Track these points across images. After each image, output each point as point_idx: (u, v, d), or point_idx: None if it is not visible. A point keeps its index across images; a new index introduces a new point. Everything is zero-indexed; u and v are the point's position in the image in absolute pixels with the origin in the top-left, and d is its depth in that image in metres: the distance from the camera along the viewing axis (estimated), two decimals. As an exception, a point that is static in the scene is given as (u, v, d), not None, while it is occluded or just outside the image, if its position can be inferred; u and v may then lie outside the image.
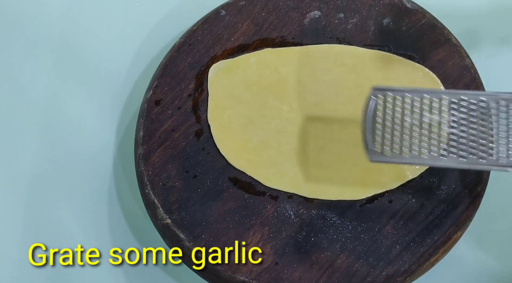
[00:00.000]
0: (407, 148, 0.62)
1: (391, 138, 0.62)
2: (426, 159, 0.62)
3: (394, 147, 0.62)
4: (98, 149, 0.81)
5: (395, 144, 0.62)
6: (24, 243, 0.76)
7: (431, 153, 0.62)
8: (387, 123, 0.62)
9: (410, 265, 0.69)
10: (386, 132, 0.62)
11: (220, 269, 0.70)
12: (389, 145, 0.62)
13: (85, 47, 0.87)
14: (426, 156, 0.62)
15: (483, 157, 0.61)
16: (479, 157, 0.61)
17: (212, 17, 0.82)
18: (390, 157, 0.62)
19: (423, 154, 0.62)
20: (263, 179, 0.73)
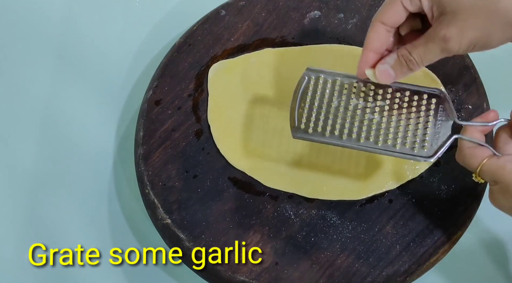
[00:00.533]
0: (329, 128, 0.64)
1: (316, 118, 0.64)
2: (344, 141, 0.64)
3: (317, 126, 0.64)
4: (98, 149, 0.82)
5: (319, 124, 0.64)
6: (24, 243, 0.76)
7: (351, 136, 0.64)
8: (315, 103, 0.65)
9: (410, 265, 0.69)
10: (313, 112, 0.65)
11: (220, 269, 0.70)
12: (313, 124, 0.65)
13: (85, 47, 0.87)
14: (345, 138, 0.64)
15: (397, 145, 0.63)
16: (393, 145, 0.64)
17: (212, 17, 0.82)
18: (312, 135, 0.64)
19: (343, 136, 0.64)
20: (263, 179, 0.73)
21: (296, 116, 0.65)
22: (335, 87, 0.66)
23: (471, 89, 0.76)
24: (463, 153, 0.61)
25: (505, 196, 0.59)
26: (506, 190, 0.58)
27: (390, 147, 0.64)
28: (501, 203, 0.60)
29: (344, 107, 0.65)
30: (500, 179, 0.59)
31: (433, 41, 0.56)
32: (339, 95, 0.65)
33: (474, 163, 0.60)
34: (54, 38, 0.87)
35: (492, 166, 0.59)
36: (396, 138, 0.64)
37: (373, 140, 0.64)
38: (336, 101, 0.65)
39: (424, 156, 0.63)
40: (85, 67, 0.86)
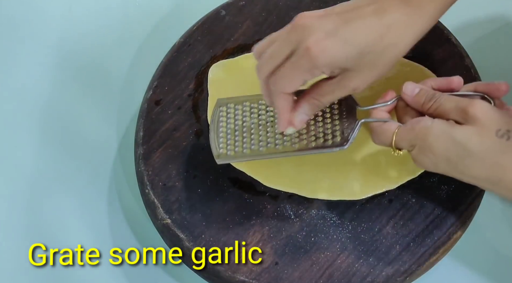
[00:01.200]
0: (247, 146, 0.69)
1: (233, 142, 0.69)
2: (265, 154, 0.69)
3: (236, 147, 0.69)
4: (98, 149, 0.82)
5: (238, 145, 0.69)
6: (24, 243, 0.76)
7: (269, 147, 0.69)
8: (229, 128, 0.70)
9: (410, 265, 0.69)
10: (229, 136, 0.70)
11: (220, 269, 0.70)
12: (233, 147, 0.69)
13: (85, 47, 0.87)
14: (265, 151, 0.69)
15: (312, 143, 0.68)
16: (309, 143, 0.68)
17: (212, 17, 0.82)
18: (234, 157, 0.69)
19: (262, 149, 0.69)
20: (263, 179, 0.73)
21: (215, 145, 0.69)
22: (246, 110, 0.71)
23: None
24: (375, 132, 0.67)
25: (424, 153, 0.63)
26: (423, 148, 0.63)
27: (306, 146, 0.68)
28: (425, 164, 0.65)
29: (257, 124, 0.70)
30: (413, 140, 0.64)
31: (341, 91, 0.64)
32: (250, 115, 0.71)
33: (387, 137, 0.65)
34: (54, 38, 0.87)
35: (403, 132, 0.65)
36: (309, 137, 0.68)
37: (290, 145, 0.68)
38: (249, 122, 0.70)
39: (338, 145, 0.67)
40: (85, 67, 0.86)
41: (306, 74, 0.61)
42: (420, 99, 0.66)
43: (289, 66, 0.61)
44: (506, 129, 0.60)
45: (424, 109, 0.65)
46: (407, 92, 0.67)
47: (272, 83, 0.63)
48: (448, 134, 0.61)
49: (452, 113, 0.63)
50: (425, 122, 0.63)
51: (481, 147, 0.60)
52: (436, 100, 0.65)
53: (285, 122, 0.65)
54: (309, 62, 0.60)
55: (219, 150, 0.69)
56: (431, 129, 0.62)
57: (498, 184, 0.61)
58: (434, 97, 0.65)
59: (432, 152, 0.62)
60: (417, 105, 0.66)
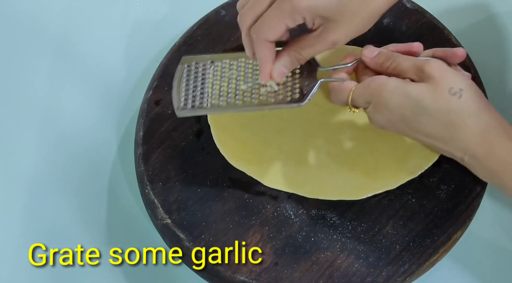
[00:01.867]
0: (208, 100, 0.70)
1: (194, 96, 0.70)
2: (225, 108, 0.69)
3: (196, 101, 0.70)
4: (98, 149, 0.82)
5: (197, 100, 0.70)
6: (24, 243, 0.76)
7: (229, 102, 0.69)
8: (191, 84, 0.71)
9: (410, 265, 0.69)
10: (191, 91, 0.70)
11: (220, 269, 0.70)
12: (192, 101, 0.70)
13: (85, 47, 0.87)
14: (224, 105, 0.69)
15: (271, 98, 0.69)
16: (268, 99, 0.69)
17: (212, 17, 0.82)
18: (194, 110, 0.69)
19: (222, 103, 0.69)
20: (263, 179, 0.73)
21: (177, 98, 0.70)
22: (208, 68, 0.72)
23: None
24: (333, 91, 0.68)
25: (379, 110, 0.65)
26: (378, 104, 0.64)
27: (266, 101, 0.69)
28: (380, 122, 0.66)
29: (219, 80, 0.71)
30: (368, 96, 0.65)
31: (321, 44, 0.64)
32: (214, 72, 0.71)
33: (344, 95, 0.67)
34: (54, 38, 0.87)
35: (359, 89, 0.66)
36: (269, 93, 0.69)
37: (249, 100, 0.69)
38: (212, 77, 0.71)
39: (296, 101, 0.68)
40: (85, 67, 0.86)
41: (287, 19, 0.62)
42: (379, 59, 0.67)
43: (271, 11, 0.62)
44: (459, 88, 0.62)
45: (383, 68, 0.67)
46: (367, 54, 0.68)
47: (254, 31, 0.63)
48: (402, 90, 0.63)
49: (409, 72, 0.64)
50: (381, 79, 0.65)
51: (434, 104, 0.62)
52: (394, 60, 0.66)
53: (267, 72, 0.66)
54: (290, 5, 0.61)
55: (180, 103, 0.69)
56: (386, 85, 0.64)
57: (450, 142, 0.63)
58: (392, 57, 0.66)
59: (387, 108, 0.64)
60: (376, 66, 0.67)
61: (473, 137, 0.62)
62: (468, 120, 0.62)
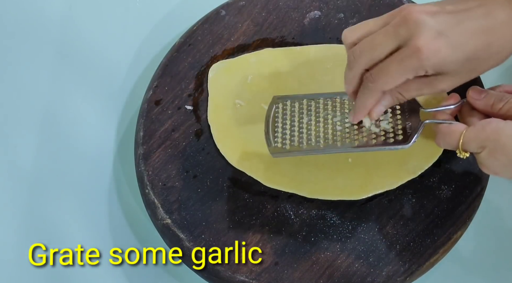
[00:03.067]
0: (305, 141, 0.68)
1: (291, 135, 0.68)
2: (323, 149, 0.67)
3: (293, 141, 0.68)
4: (98, 149, 0.81)
5: (295, 139, 0.68)
6: (24, 243, 0.76)
7: (327, 143, 0.68)
8: (286, 123, 0.69)
9: (410, 265, 0.69)
10: (286, 130, 0.69)
11: (220, 269, 0.70)
12: (289, 141, 0.68)
13: (85, 47, 0.87)
14: (323, 146, 0.67)
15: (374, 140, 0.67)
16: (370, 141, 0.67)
17: (212, 17, 0.82)
18: (290, 151, 0.68)
19: (320, 145, 0.68)
20: (263, 179, 0.73)
21: (270, 138, 0.68)
22: (302, 108, 0.70)
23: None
24: (441, 133, 0.65)
25: (495, 155, 0.61)
26: (494, 149, 0.61)
27: (368, 143, 0.67)
28: (494, 166, 0.62)
29: (314, 120, 0.69)
30: (483, 141, 0.61)
31: (428, 90, 0.62)
32: (307, 112, 0.70)
33: (455, 138, 0.63)
34: (54, 38, 0.87)
35: (472, 133, 0.62)
36: (371, 134, 0.67)
37: (350, 142, 0.67)
38: (306, 117, 0.69)
39: (400, 143, 0.66)
40: (85, 67, 0.86)
41: (410, 73, 0.59)
42: (489, 100, 0.64)
43: (394, 64, 0.59)
44: None
45: (494, 110, 0.63)
46: (474, 95, 0.65)
47: (371, 79, 0.61)
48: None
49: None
50: (497, 123, 0.60)
51: None
52: (508, 101, 0.63)
53: (363, 115, 0.64)
54: (417, 62, 0.58)
55: (274, 143, 0.68)
56: (504, 129, 0.60)
57: None
58: (505, 98, 0.63)
59: (504, 154, 0.60)
60: (485, 107, 0.64)
61: None
62: None
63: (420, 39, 0.57)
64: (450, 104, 0.66)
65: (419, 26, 0.57)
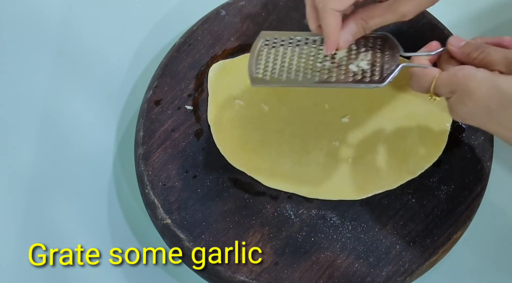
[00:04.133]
0: (285, 73, 0.68)
1: (272, 68, 0.69)
2: (301, 82, 0.68)
3: (273, 73, 0.68)
4: (98, 149, 0.81)
5: (275, 71, 0.68)
6: (24, 243, 0.76)
7: (306, 77, 0.67)
8: (270, 57, 0.69)
9: (410, 265, 0.69)
10: (269, 63, 0.69)
11: (220, 269, 0.70)
12: (270, 72, 0.68)
13: (85, 47, 0.87)
14: (301, 79, 0.68)
15: (350, 77, 0.67)
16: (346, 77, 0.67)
17: (212, 17, 0.82)
18: (269, 81, 0.68)
19: (298, 77, 0.68)
20: (263, 179, 0.73)
21: (253, 68, 0.69)
22: (287, 43, 0.70)
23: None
24: (415, 76, 0.65)
25: (463, 101, 0.61)
26: (463, 95, 0.61)
27: (343, 79, 0.67)
28: (462, 113, 0.62)
29: (297, 56, 0.69)
30: (454, 85, 0.62)
31: (390, 14, 0.64)
32: (292, 48, 0.70)
33: (427, 81, 0.64)
34: (54, 38, 0.87)
35: (444, 77, 0.63)
36: (348, 72, 0.67)
37: (327, 77, 0.67)
38: (290, 53, 0.69)
39: (375, 82, 0.66)
40: (85, 67, 0.86)
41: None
42: (467, 49, 0.64)
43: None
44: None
45: (470, 59, 0.64)
46: (454, 43, 0.65)
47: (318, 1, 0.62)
48: (492, 82, 0.60)
49: (499, 64, 0.62)
50: (469, 69, 0.61)
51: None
52: (483, 51, 0.63)
53: (333, 42, 0.65)
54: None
55: (255, 73, 0.68)
56: (474, 76, 0.60)
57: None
58: (481, 47, 0.63)
59: (471, 100, 0.60)
60: (462, 56, 0.64)
61: None
62: None
63: None
64: (430, 50, 0.66)
65: None
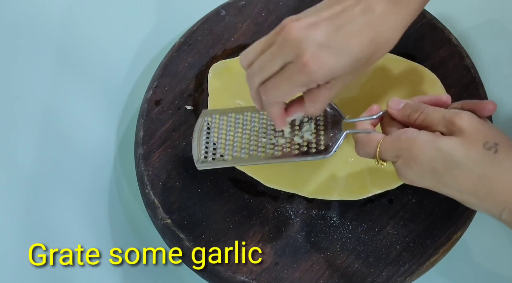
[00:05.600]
0: (230, 153, 0.69)
1: (215, 148, 0.70)
2: (246, 161, 0.69)
3: (217, 154, 0.70)
4: (98, 149, 0.81)
5: (218, 152, 0.70)
6: (24, 243, 0.76)
7: (251, 155, 0.69)
8: (213, 136, 0.71)
9: (410, 265, 0.69)
10: (212, 143, 0.70)
11: (220, 269, 0.70)
12: (213, 154, 0.70)
13: (86, 47, 0.87)
14: (247, 158, 0.69)
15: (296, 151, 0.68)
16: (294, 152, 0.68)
17: (212, 17, 0.82)
18: (215, 163, 0.69)
19: (244, 156, 0.69)
20: (263, 179, 0.73)
21: (197, 151, 0.70)
22: (230, 121, 0.71)
23: (470, 89, 0.76)
24: (360, 143, 0.65)
25: (409, 165, 0.61)
26: (408, 158, 0.61)
27: (291, 154, 0.68)
28: (409, 176, 0.62)
29: (241, 133, 0.70)
30: (398, 150, 0.62)
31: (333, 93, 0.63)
32: (235, 125, 0.71)
33: (372, 147, 0.64)
34: (54, 38, 0.87)
35: (388, 142, 0.63)
36: (293, 145, 0.68)
37: (272, 154, 0.68)
38: (233, 131, 0.70)
39: (321, 153, 0.67)
40: (85, 67, 0.86)
41: (301, 87, 0.61)
42: (406, 111, 0.64)
43: (283, 79, 0.60)
44: (494, 143, 0.59)
45: (411, 121, 0.64)
46: (393, 106, 0.65)
47: (263, 93, 0.63)
48: (434, 144, 0.60)
49: (439, 125, 0.61)
50: (411, 133, 0.61)
51: (468, 159, 0.59)
52: (422, 112, 0.63)
53: (280, 125, 0.66)
54: (306, 77, 0.59)
55: (200, 155, 0.69)
56: (417, 139, 0.60)
57: (485, 196, 0.60)
58: (420, 108, 0.64)
59: (416, 163, 0.61)
60: (403, 117, 0.65)
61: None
62: (506, 174, 0.59)
63: (304, 56, 0.58)
64: (371, 115, 0.66)
65: (300, 44, 0.59)
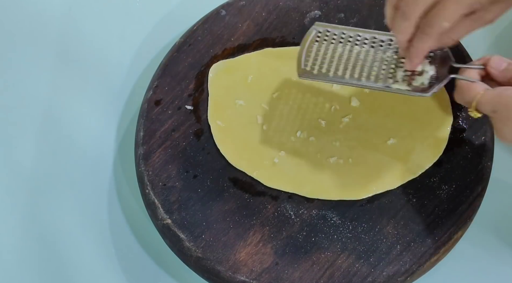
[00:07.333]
0: (333, 69, 0.69)
1: (321, 62, 0.70)
2: (347, 80, 0.69)
3: (321, 68, 0.69)
4: (98, 149, 0.81)
5: (323, 66, 0.69)
6: (24, 243, 0.76)
7: (353, 76, 0.68)
8: (320, 50, 0.70)
9: (411, 265, 0.69)
10: (319, 56, 0.70)
11: (220, 269, 0.70)
12: (318, 66, 0.69)
13: (86, 47, 0.87)
14: (347, 78, 0.69)
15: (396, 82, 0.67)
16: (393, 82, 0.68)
17: (212, 17, 0.82)
18: (316, 76, 0.69)
19: (345, 75, 0.69)
20: (263, 179, 0.73)
21: (303, 60, 0.69)
22: (339, 38, 0.70)
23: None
24: (460, 89, 0.65)
25: (505, 121, 0.61)
26: (506, 116, 0.61)
27: (389, 84, 0.68)
28: (503, 132, 0.62)
29: (348, 53, 0.70)
30: (497, 105, 0.62)
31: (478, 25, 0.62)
32: (344, 44, 0.70)
33: (472, 96, 0.64)
34: (54, 38, 0.87)
35: (489, 95, 0.62)
36: (395, 77, 0.68)
37: (374, 80, 0.68)
38: (341, 48, 0.70)
39: (421, 91, 0.67)
40: (85, 67, 0.86)
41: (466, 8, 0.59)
42: (508, 73, 0.64)
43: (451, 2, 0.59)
44: None
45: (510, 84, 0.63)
46: (494, 65, 0.65)
47: (428, 24, 0.61)
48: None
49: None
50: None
51: None
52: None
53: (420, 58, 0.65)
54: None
55: (303, 65, 0.69)
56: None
57: None
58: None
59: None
60: (503, 79, 0.64)
61: None
62: None
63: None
64: (481, 64, 0.66)
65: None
